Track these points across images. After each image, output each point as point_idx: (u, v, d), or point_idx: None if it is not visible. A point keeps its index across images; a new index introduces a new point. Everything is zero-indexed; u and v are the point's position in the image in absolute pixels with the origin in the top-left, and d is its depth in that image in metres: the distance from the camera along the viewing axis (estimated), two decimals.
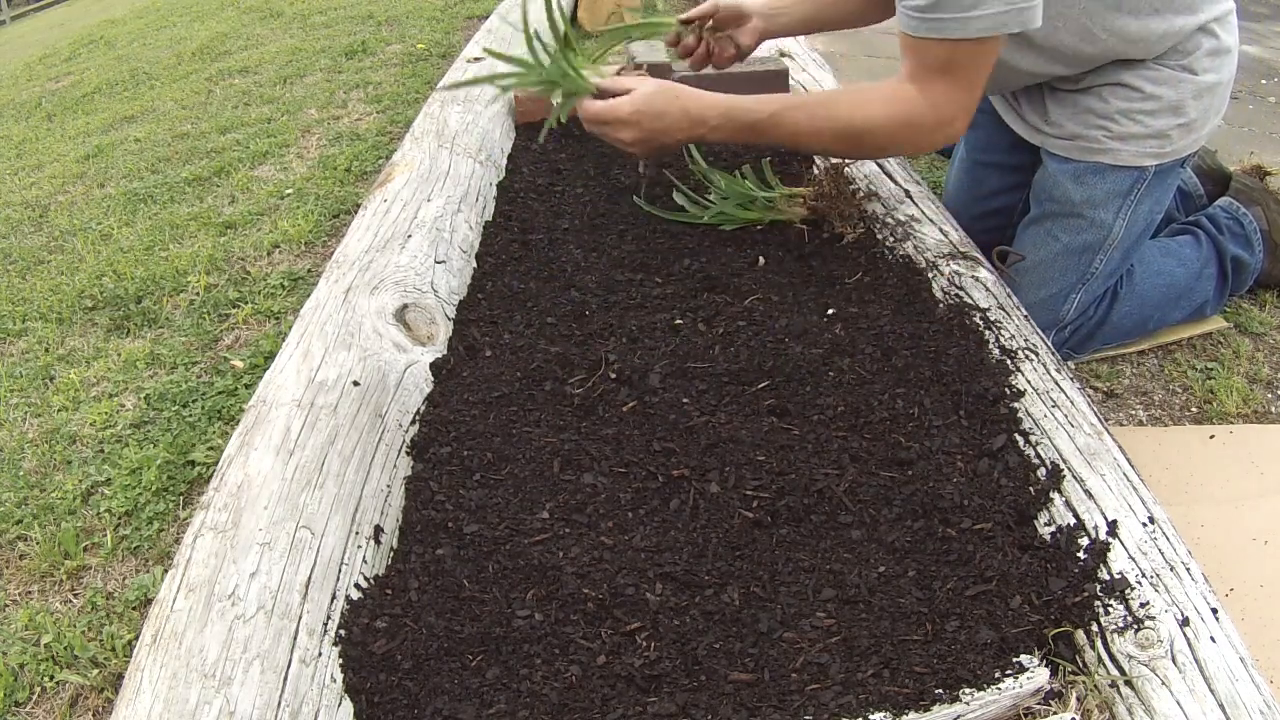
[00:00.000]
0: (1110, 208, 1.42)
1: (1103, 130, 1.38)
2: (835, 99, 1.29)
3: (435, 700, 0.83)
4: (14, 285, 2.21)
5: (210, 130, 3.13)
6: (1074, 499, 0.98)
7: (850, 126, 1.26)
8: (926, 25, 1.13)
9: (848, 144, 1.30)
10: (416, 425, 1.17)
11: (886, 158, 1.31)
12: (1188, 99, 1.35)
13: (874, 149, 1.29)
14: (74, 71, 4.84)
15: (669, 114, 1.33)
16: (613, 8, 3.68)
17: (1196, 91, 1.36)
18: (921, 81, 1.20)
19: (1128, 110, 1.36)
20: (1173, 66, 1.35)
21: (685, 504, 1.02)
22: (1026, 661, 0.84)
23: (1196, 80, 1.35)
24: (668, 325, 1.30)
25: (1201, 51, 1.35)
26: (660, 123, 1.34)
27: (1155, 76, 1.35)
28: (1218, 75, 1.37)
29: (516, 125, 2.10)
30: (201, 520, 0.95)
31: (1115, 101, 1.36)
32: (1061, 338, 1.54)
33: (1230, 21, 1.39)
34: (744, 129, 1.34)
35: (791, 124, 1.30)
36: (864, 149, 1.30)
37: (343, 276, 1.38)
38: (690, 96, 1.34)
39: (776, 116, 1.30)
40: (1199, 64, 1.35)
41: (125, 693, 0.79)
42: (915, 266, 1.41)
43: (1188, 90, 1.35)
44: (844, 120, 1.26)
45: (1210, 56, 1.36)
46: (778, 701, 0.81)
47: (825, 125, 1.28)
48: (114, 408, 1.65)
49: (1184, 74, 1.35)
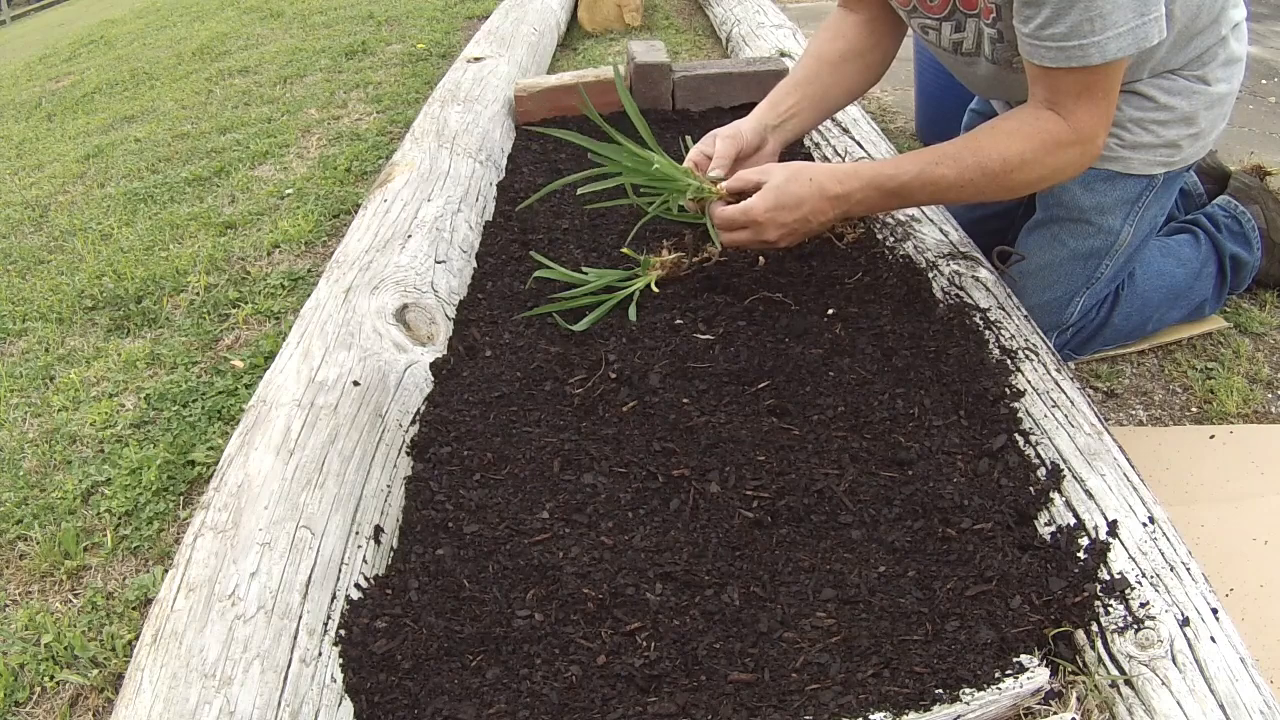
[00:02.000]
0: (1119, 214, 1.42)
1: (1115, 139, 1.37)
2: (977, 144, 1.20)
3: (435, 700, 0.83)
4: (14, 285, 2.21)
5: (210, 130, 3.13)
6: (1074, 499, 0.98)
7: (1003, 166, 1.18)
8: (1064, 55, 1.10)
9: (999, 184, 1.21)
10: (416, 425, 1.17)
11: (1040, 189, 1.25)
12: (1200, 109, 1.35)
13: (1025, 184, 1.21)
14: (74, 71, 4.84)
15: (807, 200, 1.24)
16: (612, 8, 3.68)
17: (1209, 102, 1.35)
18: (1060, 107, 1.16)
19: (1141, 119, 1.35)
20: (1188, 77, 1.34)
21: (685, 504, 1.02)
22: (1026, 661, 0.84)
23: (1209, 91, 1.35)
24: (668, 325, 1.30)
25: (1217, 62, 1.34)
26: (800, 211, 1.24)
27: (1170, 87, 1.34)
28: (1229, 85, 1.37)
29: (516, 125, 2.10)
30: (201, 520, 0.95)
31: (1129, 110, 1.35)
32: (1063, 339, 1.54)
33: (1242, 30, 1.39)
34: (889, 195, 1.26)
35: (939, 179, 1.22)
36: (1015, 187, 1.21)
37: (343, 276, 1.38)
38: (825, 174, 1.25)
39: (924, 175, 1.22)
40: (1213, 74, 1.35)
41: (125, 693, 0.79)
42: (915, 266, 1.41)
43: (1200, 101, 1.34)
44: (995, 162, 1.18)
45: (1224, 66, 1.36)
46: (778, 701, 0.81)
47: (974, 172, 1.20)
48: (114, 408, 1.65)
49: (1198, 84, 1.34)
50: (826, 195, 1.24)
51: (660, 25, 3.77)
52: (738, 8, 3.19)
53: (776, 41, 2.64)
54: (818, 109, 1.49)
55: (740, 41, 2.89)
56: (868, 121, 2.01)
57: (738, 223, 1.26)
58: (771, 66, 2.11)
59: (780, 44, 2.60)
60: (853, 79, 1.47)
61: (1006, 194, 1.24)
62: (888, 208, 1.35)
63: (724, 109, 2.11)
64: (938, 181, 1.22)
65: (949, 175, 1.21)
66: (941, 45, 1.41)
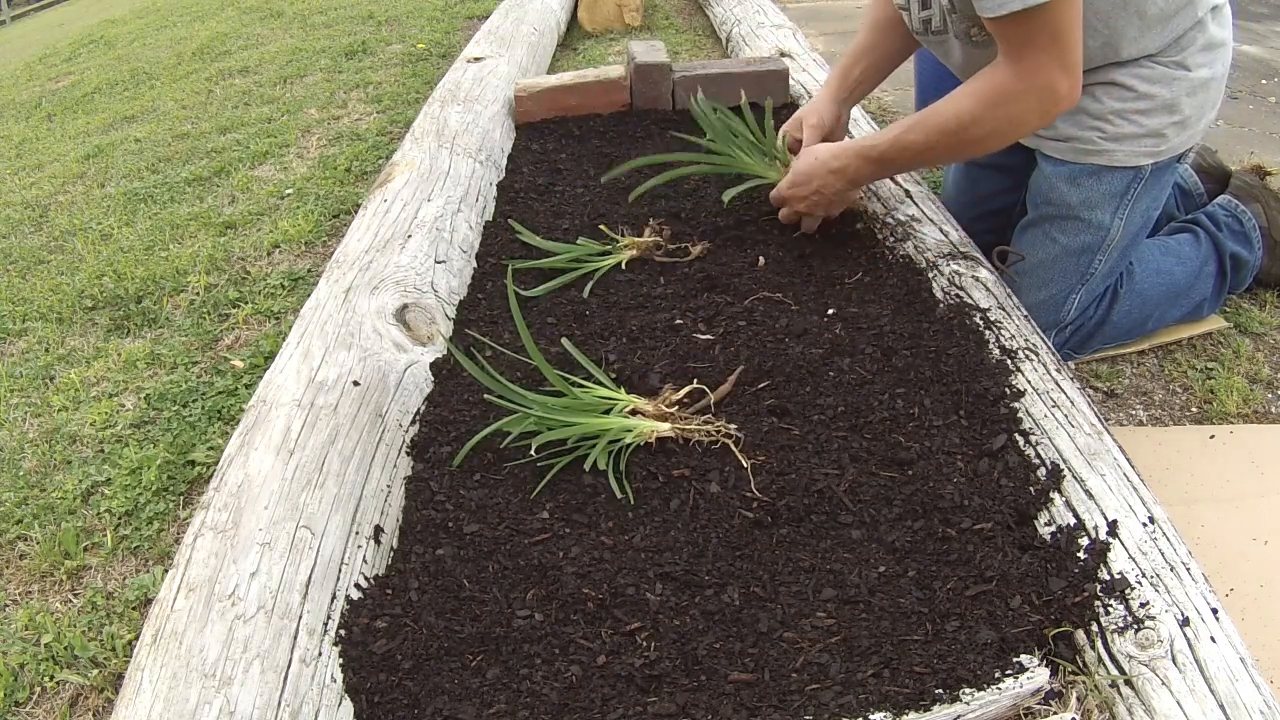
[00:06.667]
0: (1107, 209, 1.42)
1: (1097, 131, 1.37)
2: (938, 107, 1.29)
3: (435, 700, 0.83)
4: (14, 285, 2.21)
5: (210, 130, 3.13)
6: (1074, 499, 0.98)
7: (958, 124, 1.26)
8: (994, 3, 1.16)
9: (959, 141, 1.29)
10: (416, 425, 1.17)
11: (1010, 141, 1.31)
12: (1182, 96, 1.35)
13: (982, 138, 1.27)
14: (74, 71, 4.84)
15: (815, 175, 1.43)
16: (613, 8, 3.68)
17: (1190, 88, 1.35)
18: (1009, 58, 1.21)
19: (1122, 110, 1.36)
20: (1166, 64, 1.34)
21: (685, 504, 1.02)
22: (1026, 661, 0.84)
23: (1190, 76, 1.35)
24: (668, 325, 1.30)
25: (1195, 47, 1.34)
26: (811, 185, 1.44)
27: (1149, 75, 1.34)
28: (1211, 70, 1.37)
29: (516, 125, 2.10)
30: (201, 520, 0.95)
31: (1109, 101, 1.36)
32: (1062, 338, 1.54)
33: (1224, 14, 1.39)
34: (874, 163, 1.39)
35: (910, 145, 1.33)
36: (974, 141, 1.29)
37: (343, 276, 1.38)
38: (826, 152, 1.42)
39: (898, 143, 1.34)
40: (1192, 59, 1.35)
41: (125, 693, 0.79)
42: (915, 266, 1.41)
43: (1181, 88, 1.35)
44: (951, 121, 1.27)
45: (1204, 51, 1.35)
46: (778, 701, 0.81)
47: (936, 134, 1.29)
48: (114, 408, 1.65)
49: (1178, 70, 1.34)
50: (829, 169, 1.42)
51: (660, 25, 3.77)
52: (738, 8, 3.19)
53: (777, 41, 2.64)
54: (881, 71, 1.64)
55: (740, 41, 2.89)
56: (868, 121, 2.01)
57: (775, 201, 1.52)
58: (771, 66, 2.11)
59: (780, 44, 2.60)
60: (906, 39, 1.58)
61: (972, 150, 1.34)
62: (879, 175, 1.48)
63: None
64: (909, 146, 1.33)
65: (918, 140, 1.32)
66: (914, 27, 1.47)
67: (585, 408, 1.10)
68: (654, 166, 1.64)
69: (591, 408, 1.10)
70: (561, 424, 1.08)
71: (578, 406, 1.10)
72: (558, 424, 1.08)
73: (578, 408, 1.10)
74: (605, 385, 1.15)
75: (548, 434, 1.08)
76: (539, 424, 1.09)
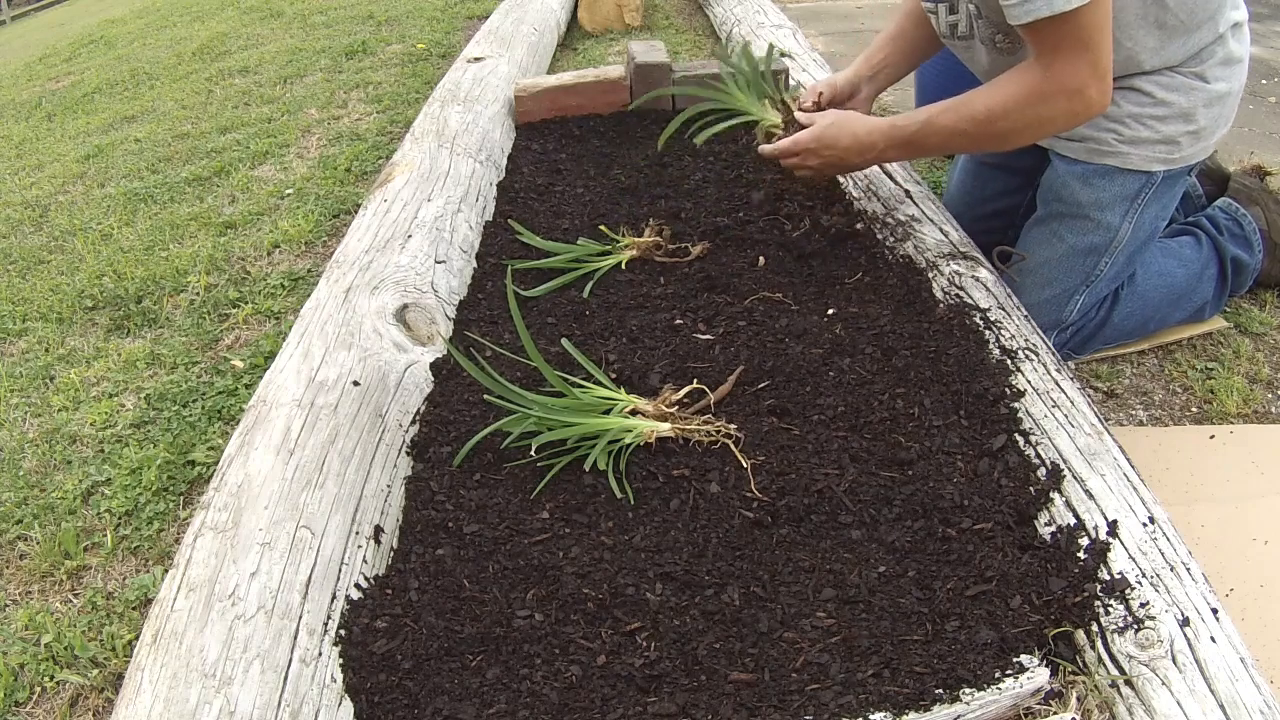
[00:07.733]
0: (1117, 210, 1.42)
1: (1113, 133, 1.38)
2: (971, 96, 1.32)
3: (435, 700, 0.83)
4: (14, 285, 2.21)
5: (210, 130, 3.13)
6: (1074, 499, 0.98)
7: (988, 115, 1.29)
8: (1029, 10, 1.18)
9: (987, 132, 1.32)
10: (416, 425, 1.17)
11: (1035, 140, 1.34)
12: (1198, 107, 1.36)
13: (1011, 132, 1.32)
14: (74, 71, 4.84)
15: (841, 141, 1.43)
16: (613, 8, 3.68)
17: (1208, 100, 1.37)
18: (1041, 61, 1.24)
19: (1139, 115, 1.37)
20: (1185, 74, 1.36)
21: (685, 504, 1.02)
22: (1026, 661, 0.84)
23: (1208, 89, 1.36)
24: (668, 325, 1.30)
25: (1214, 60, 1.36)
26: (835, 150, 1.44)
27: (1168, 83, 1.36)
28: (1228, 85, 1.38)
29: (516, 125, 2.10)
30: (202, 520, 0.95)
31: (1127, 105, 1.37)
32: (1063, 339, 1.54)
33: (1243, 31, 1.40)
34: (903, 144, 1.40)
35: (940, 128, 1.35)
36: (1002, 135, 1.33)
37: (343, 276, 1.38)
38: (859, 123, 1.43)
39: (929, 124, 1.35)
40: (1211, 73, 1.36)
41: (125, 692, 0.79)
42: (915, 266, 1.41)
43: (1199, 98, 1.36)
44: (981, 112, 1.30)
45: (1222, 65, 1.37)
46: (778, 701, 0.81)
47: (967, 122, 1.32)
48: (114, 408, 1.65)
49: (1196, 81, 1.36)
50: (860, 143, 1.43)
51: (660, 25, 3.77)
52: (738, 8, 3.19)
53: (777, 41, 2.64)
54: (908, 59, 1.66)
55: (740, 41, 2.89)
56: None
57: (787, 151, 1.48)
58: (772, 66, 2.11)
59: (780, 44, 2.60)
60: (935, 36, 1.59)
61: (998, 142, 1.35)
62: (903, 157, 1.51)
63: None
64: (940, 130, 1.35)
65: (948, 124, 1.34)
66: (941, 31, 1.48)
67: (585, 408, 1.10)
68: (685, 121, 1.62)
69: (591, 408, 1.10)
70: (561, 424, 1.08)
71: (578, 407, 1.10)
72: (558, 424, 1.08)
73: (578, 408, 1.10)
74: (605, 385, 1.15)
75: (548, 434, 1.08)
76: (539, 424, 1.09)
